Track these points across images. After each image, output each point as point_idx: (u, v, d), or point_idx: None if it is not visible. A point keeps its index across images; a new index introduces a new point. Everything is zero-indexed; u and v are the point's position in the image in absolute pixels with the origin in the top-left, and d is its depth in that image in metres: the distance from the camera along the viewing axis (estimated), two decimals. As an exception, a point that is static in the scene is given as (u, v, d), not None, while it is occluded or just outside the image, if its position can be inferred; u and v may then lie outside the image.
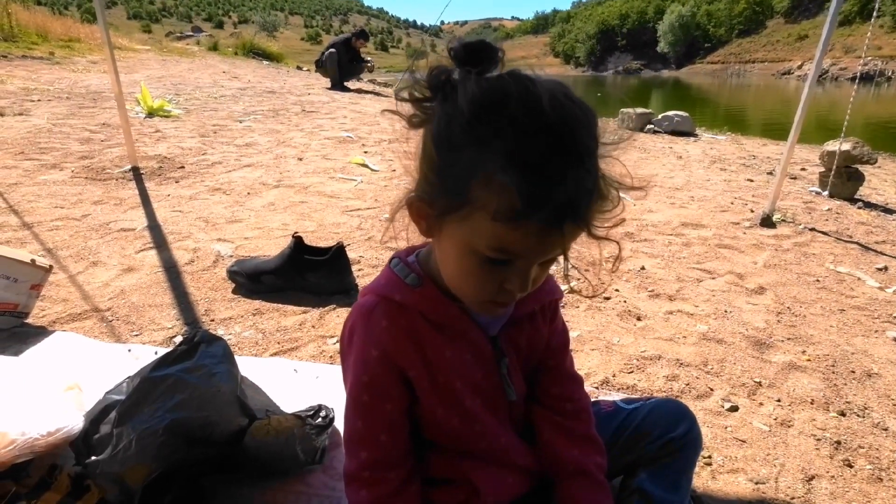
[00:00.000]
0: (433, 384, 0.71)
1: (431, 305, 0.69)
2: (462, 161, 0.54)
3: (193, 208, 2.52)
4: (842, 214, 3.10)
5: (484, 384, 0.74)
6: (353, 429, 0.72)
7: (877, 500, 1.10)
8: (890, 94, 28.11)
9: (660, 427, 0.88)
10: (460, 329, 0.71)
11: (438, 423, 0.73)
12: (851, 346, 1.69)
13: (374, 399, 0.70)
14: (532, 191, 0.50)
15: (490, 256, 0.57)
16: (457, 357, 0.71)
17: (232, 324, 1.57)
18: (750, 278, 2.14)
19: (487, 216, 0.53)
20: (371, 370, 0.69)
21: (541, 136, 0.51)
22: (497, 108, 0.52)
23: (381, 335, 0.69)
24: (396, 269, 0.73)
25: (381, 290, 0.71)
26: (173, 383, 0.93)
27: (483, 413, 0.74)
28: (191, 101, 6.16)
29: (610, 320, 1.74)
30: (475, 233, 0.56)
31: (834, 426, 1.31)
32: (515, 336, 0.76)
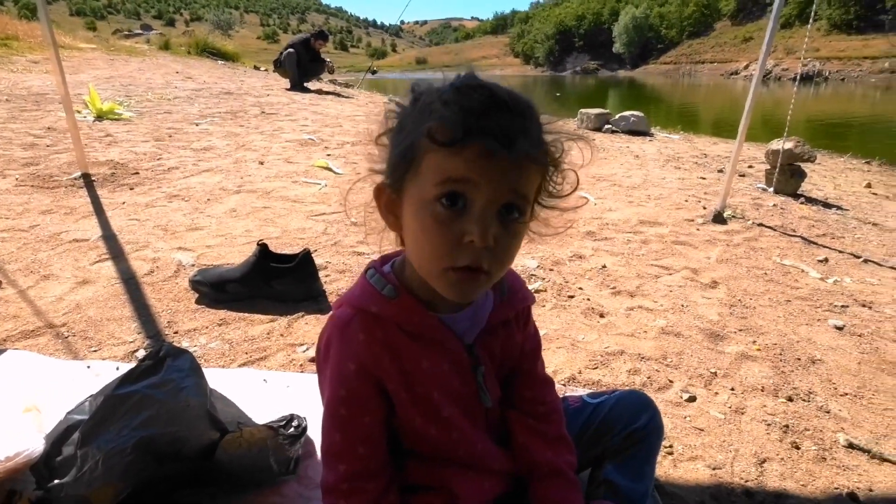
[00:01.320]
0: (411, 395, 0.72)
1: (408, 316, 0.71)
2: (408, 126, 0.63)
3: (151, 216, 2.44)
4: (786, 210, 3.29)
5: (461, 392, 0.76)
6: (330, 442, 0.72)
7: (821, 478, 1.18)
8: (827, 94, 29.82)
9: (623, 419, 0.93)
10: (437, 338, 0.73)
11: (417, 433, 0.75)
12: (797, 334, 1.81)
13: (351, 412, 0.71)
14: (468, 119, 0.58)
15: (439, 196, 0.60)
16: (434, 367, 0.73)
17: (197, 335, 1.54)
18: (704, 273, 2.25)
19: (432, 152, 0.60)
20: (349, 384, 0.70)
21: (477, 91, 0.60)
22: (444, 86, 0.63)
23: (358, 348, 0.70)
24: (372, 279, 0.74)
25: (357, 301, 0.72)
26: (139, 400, 0.91)
27: (460, 420, 0.76)
28: (143, 103, 5.94)
29: (574, 318, 1.80)
30: (424, 177, 0.61)
31: (782, 411, 1.40)
32: (491, 343, 0.79)
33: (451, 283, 0.64)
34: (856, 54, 51.77)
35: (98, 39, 15.81)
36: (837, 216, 3.28)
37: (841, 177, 4.67)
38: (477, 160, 0.58)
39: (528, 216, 0.66)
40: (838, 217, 3.26)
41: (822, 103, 21.54)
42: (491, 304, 0.78)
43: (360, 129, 5.33)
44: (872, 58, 49.10)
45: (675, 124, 8.45)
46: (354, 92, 9.71)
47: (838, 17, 58.15)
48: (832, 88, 35.61)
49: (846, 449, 1.28)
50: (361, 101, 8.15)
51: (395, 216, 0.68)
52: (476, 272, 0.62)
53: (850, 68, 49.41)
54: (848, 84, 40.36)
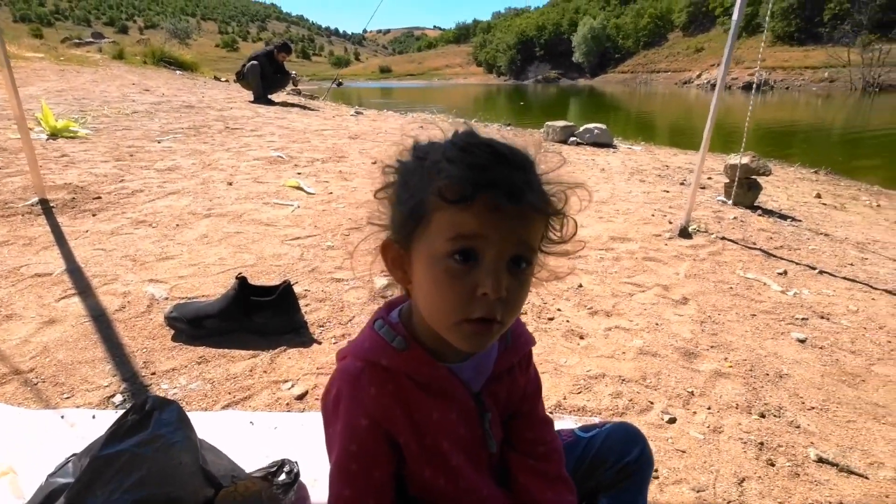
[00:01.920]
0: (421, 447, 0.73)
1: (419, 367, 0.72)
2: (413, 185, 0.65)
3: (117, 245, 2.35)
4: (746, 222, 3.45)
5: (467, 439, 0.77)
6: (340, 496, 0.72)
7: (796, 494, 1.25)
8: (774, 101, 31.43)
9: (615, 453, 0.96)
10: (446, 389, 0.74)
11: (425, 483, 0.75)
12: (764, 349, 1.90)
13: (362, 467, 0.71)
14: (476, 175, 0.60)
15: (452, 252, 0.62)
16: (443, 417, 0.74)
17: (176, 375, 1.49)
18: (674, 289, 2.33)
19: (442, 210, 0.62)
20: (360, 439, 0.70)
21: (480, 148, 0.62)
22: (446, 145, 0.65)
23: (369, 402, 0.70)
24: (381, 331, 0.74)
25: (367, 354, 0.72)
26: (129, 460, 0.88)
27: (466, 468, 0.77)
28: (99, 118, 5.72)
29: (556, 342, 1.83)
30: (435, 234, 0.63)
31: (756, 428, 1.47)
32: (497, 390, 0.80)
33: (465, 336, 0.65)
34: (798, 64, 54.81)
35: (46, 48, 15.13)
36: (792, 227, 3.46)
37: (793, 187, 4.93)
38: (486, 214, 0.61)
39: (534, 265, 0.68)
40: (793, 228, 3.44)
41: (770, 111, 22.68)
42: (495, 352, 0.79)
43: (328, 144, 5.29)
44: (813, 67, 52.09)
45: (636, 134, 8.74)
46: (320, 104, 9.63)
47: (781, 30, 61.54)
48: (778, 96, 37.55)
49: (816, 463, 1.35)
50: (328, 113, 8.09)
51: (403, 271, 0.69)
52: (490, 323, 0.64)
53: (794, 77, 52.27)
54: (792, 92, 42.65)
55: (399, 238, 0.67)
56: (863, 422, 1.53)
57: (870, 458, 1.38)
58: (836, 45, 48.44)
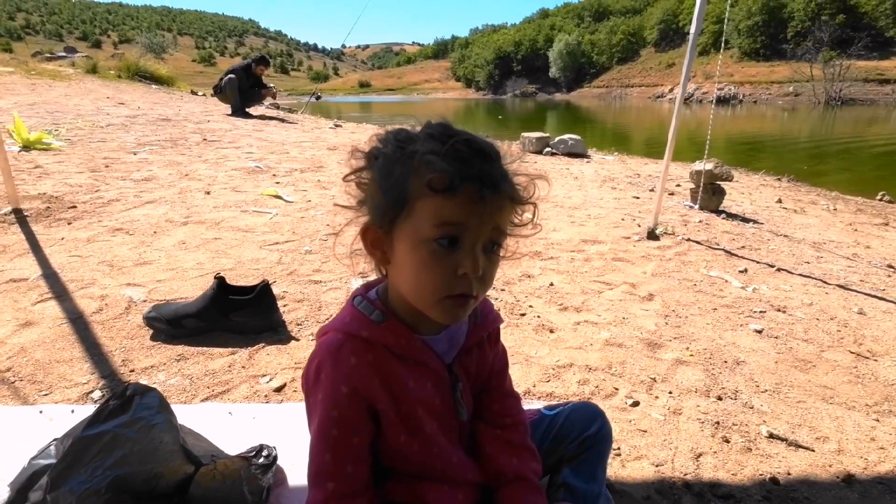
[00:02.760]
0: (398, 414, 0.79)
1: (396, 340, 0.78)
2: (397, 172, 0.69)
3: (94, 252, 2.36)
4: (710, 225, 3.60)
5: (440, 408, 0.84)
6: (321, 461, 0.77)
7: (748, 466, 1.33)
8: (742, 114, 32.51)
9: (577, 428, 1.03)
10: (422, 359, 0.80)
11: (400, 449, 0.81)
12: (723, 339, 2.00)
13: (342, 433, 0.76)
14: (461, 168, 0.66)
15: (437, 237, 0.68)
16: (419, 385, 0.80)
17: (154, 372, 1.52)
18: (641, 287, 2.44)
19: (426, 198, 0.67)
20: (341, 406, 0.76)
21: (460, 142, 0.68)
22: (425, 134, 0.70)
23: (349, 372, 0.75)
24: (360, 306, 0.80)
25: (347, 327, 0.78)
26: (111, 440, 0.92)
27: (439, 435, 0.83)
28: (73, 131, 5.67)
29: (527, 335, 1.91)
30: (420, 220, 0.68)
31: (714, 409, 1.56)
32: (467, 362, 0.87)
33: (446, 309, 0.73)
34: (764, 79, 56.90)
35: (16, 62, 14.87)
36: (754, 230, 3.62)
37: (756, 192, 5.14)
38: (468, 205, 0.68)
39: (503, 246, 0.76)
40: (755, 230, 3.60)
41: (738, 123, 23.49)
42: (466, 327, 0.86)
43: (307, 155, 5.33)
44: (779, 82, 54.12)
45: (610, 145, 8.99)
46: (298, 117, 9.67)
47: (748, 46, 63.97)
48: (746, 110, 38.88)
49: (768, 439, 1.44)
50: (306, 126, 8.14)
51: (382, 252, 0.75)
52: (468, 298, 0.72)
53: (761, 91, 54.19)
54: (759, 106, 44.21)
55: (379, 222, 0.72)
56: (812, 402, 1.63)
57: (816, 434, 1.48)
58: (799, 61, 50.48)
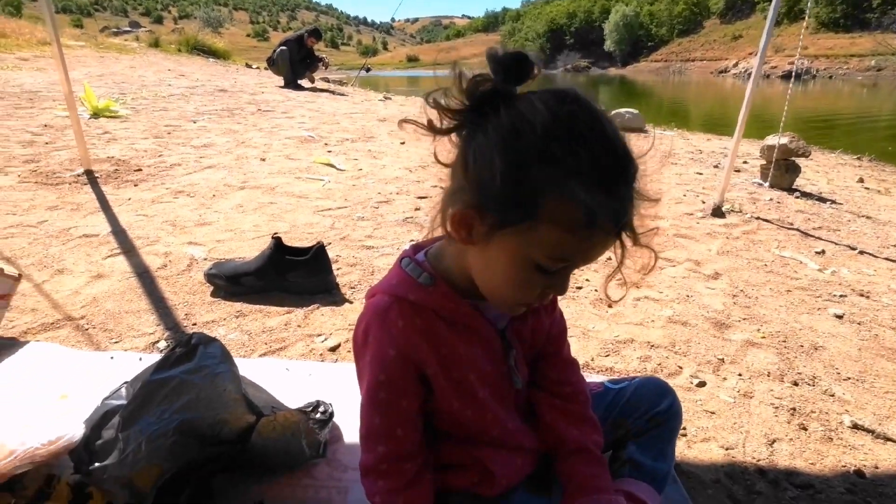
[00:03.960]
0: (449, 379, 0.75)
1: (445, 304, 0.73)
2: (532, 177, 0.57)
3: (158, 212, 2.45)
4: (782, 204, 3.35)
5: (493, 375, 0.79)
6: (370, 425, 0.75)
7: (829, 456, 1.23)
8: (816, 91, 30.17)
9: (645, 403, 0.97)
10: (472, 325, 0.76)
11: (453, 415, 0.78)
12: (799, 322, 1.86)
13: (391, 396, 0.73)
14: (603, 205, 0.57)
15: (543, 265, 0.62)
16: (469, 351, 0.76)
17: (215, 326, 1.56)
18: (706, 265, 2.30)
19: (557, 228, 0.58)
20: (389, 369, 0.72)
21: (609, 159, 0.58)
22: (570, 130, 0.57)
23: (397, 335, 0.72)
24: (408, 268, 0.76)
25: (395, 290, 0.74)
26: (178, 385, 0.94)
27: (493, 402, 0.79)
28: (138, 100, 5.91)
29: (584, 308, 1.84)
30: (536, 243, 0.60)
31: (789, 395, 1.45)
32: (521, 329, 0.82)
33: (512, 309, 0.73)
34: (843, 52, 52.46)
35: (86, 37, 15.65)
36: (832, 210, 3.35)
37: (833, 172, 4.75)
38: (598, 244, 0.61)
39: None
40: (833, 211, 3.33)
41: (810, 100, 21.81)
42: None
43: (357, 126, 5.34)
44: (859, 55, 49.78)
45: (668, 121, 8.54)
46: (349, 90, 9.71)
47: (826, 16, 58.93)
48: (820, 86, 36.04)
49: (851, 430, 1.33)
50: (356, 98, 8.15)
51: (468, 234, 0.64)
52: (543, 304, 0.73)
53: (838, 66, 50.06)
54: (835, 81, 40.87)
55: (484, 211, 0.61)
56: (902, 393, 1.49)
57: (908, 427, 1.35)
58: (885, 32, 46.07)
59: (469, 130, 0.62)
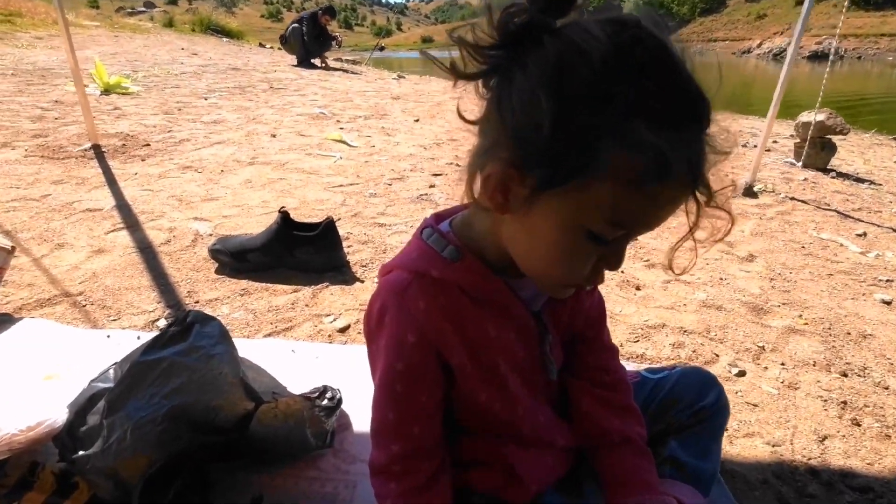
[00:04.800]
0: (477, 367, 0.64)
1: (473, 280, 0.62)
2: (588, 121, 0.45)
3: (164, 187, 2.36)
4: (818, 184, 3.17)
5: (526, 362, 0.69)
6: (383, 420, 0.65)
7: (888, 456, 1.11)
8: (844, 72, 29.09)
9: (689, 396, 0.86)
10: (504, 304, 0.64)
11: (479, 407, 0.67)
12: (843, 308, 1.72)
13: (409, 389, 0.63)
14: (677, 151, 0.45)
15: (598, 232, 0.51)
16: (500, 335, 0.65)
17: (219, 305, 1.47)
18: (740, 246, 2.16)
19: (618, 183, 0.46)
20: (407, 357, 0.62)
21: (682, 94, 0.46)
22: (634, 60, 0.45)
23: (418, 317, 0.61)
24: (430, 240, 0.64)
25: (415, 265, 0.63)
26: (168, 366, 0.85)
27: (524, 393, 0.69)
28: (149, 77, 5.83)
29: (610, 291, 1.72)
30: (592, 206, 0.49)
31: (838, 387, 1.32)
32: (559, 312, 0.71)
33: (558, 290, 0.62)
34: (873, 31, 50.47)
35: (101, 17, 15.66)
36: (872, 191, 3.15)
37: (869, 152, 4.51)
38: (665, 203, 0.49)
39: None
40: (872, 192, 3.13)
41: (839, 81, 21.01)
42: None
43: (371, 103, 5.20)
44: (890, 35, 47.83)
45: (691, 101, 8.23)
46: (362, 69, 9.53)
47: (854, -6, 56.68)
48: (848, 66, 34.75)
49: (910, 426, 1.20)
50: (370, 77, 8.00)
51: (506, 198, 0.52)
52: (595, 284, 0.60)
53: (867, 46, 48.21)
54: (864, 62, 39.41)
55: (527, 168, 0.49)
56: (963, 387, 1.36)
57: (974, 425, 1.22)
58: (919, 10, 44.17)
59: (503, 73, 0.50)
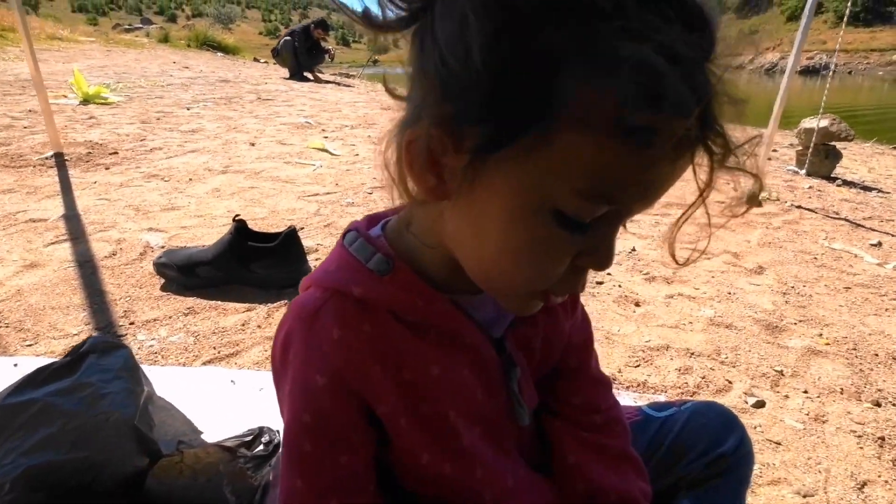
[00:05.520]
0: (415, 418, 0.46)
1: (408, 300, 0.44)
2: (540, 42, 0.30)
3: (123, 196, 2.18)
4: (824, 192, 3.01)
5: (486, 407, 0.50)
6: (291, 489, 0.46)
7: (942, 507, 0.92)
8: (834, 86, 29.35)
9: (704, 440, 0.68)
10: (453, 332, 0.47)
11: (423, 471, 0.49)
12: (867, 326, 1.54)
13: (320, 449, 0.45)
14: (669, 76, 0.28)
15: (571, 212, 0.34)
16: (449, 373, 0.47)
17: (157, 326, 1.28)
18: (747, 257, 1.98)
19: (591, 132, 0.30)
20: (316, 406, 0.44)
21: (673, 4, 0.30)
22: None
23: (330, 352, 0.43)
24: (353, 247, 0.46)
25: (331, 280, 0.45)
26: (39, 411, 0.66)
27: (485, 449, 0.50)
28: (135, 88, 5.70)
29: (606, 307, 1.53)
30: (554, 170, 0.33)
31: (872, 419, 1.14)
32: (529, 336, 0.53)
33: (523, 303, 0.44)
34: (863, 47, 51.20)
35: (98, 33, 15.68)
36: (881, 199, 3.00)
37: (872, 161, 4.38)
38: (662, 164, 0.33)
39: None
40: (882, 200, 2.98)
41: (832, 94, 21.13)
42: None
43: (359, 113, 5.06)
44: (880, 50, 48.50)
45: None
46: (355, 82, 9.44)
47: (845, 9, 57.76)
48: (839, 81, 35.09)
49: (962, 468, 1.02)
50: (362, 90, 7.89)
51: (439, 176, 0.37)
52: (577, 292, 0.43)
53: (857, 61, 48.83)
54: (855, 77, 39.86)
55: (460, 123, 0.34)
56: None
57: None
58: (907, 26, 44.88)
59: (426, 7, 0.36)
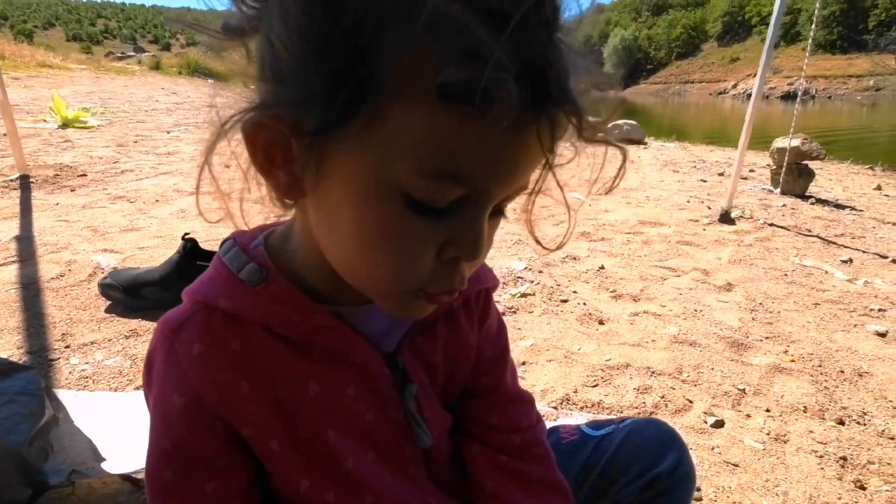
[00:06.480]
0: (290, 442, 0.42)
1: (281, 312, 0.41)
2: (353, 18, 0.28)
3: (84, 217, 2.14)
4: (797, 210, 3.03)
5: (378, 429, 0.46)
6: None
7: (904, 531, 0.88)
8: (815, 110, 30.10)
9: (641, 460, 0.63)
10: (334, 347, 0.43)
11: (304, 500, 0.44)
12: (834, 342, 1.51)
13: (181, 477, 0.40)
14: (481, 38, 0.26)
15: (420, 195, 0.32)
16: (329, 392, 0.43)
17: (93, 350, 1.22)
18: (716, 274, 1.96)
19: (418, 100, 0.29)
20: (175, 430, 0.40)
21: None
22: None
23: (190, 370, 0.40)
24: (227, 257, 0.43)
25: (200, 293, 0.42)
26: (-88, 441, 0.61)
27: (378, 474, 0.46)
28: (118, 113, 5.70)
29: (569, 325, 1.50)
30: (393, 149, 0.30)
31: (835, 438, 1.10)
32: (427, 348, 0.49)
33: (405, 305, 0.39)
34: (841, 73, 52.77)
35: (90, 61, 15.81)
36: (853, 216, 3.02)
37: (847, 180, 4.43)
38: (502, 134, 0.30)
39: None
40: (854, 217, 3.00)
41: (812, 118, 21.64)
42: None
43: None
44: (857, 76, 50.01)
45: (669, 135, 8.30)
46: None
47: (822, 38, 59.66)
48: (819, 105, 36.06)
49: (926, 488, 0.98)
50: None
51: (291, 174, 0.35)
52: (448, 294, 0.38)
53: (836, 86, 50.28)
54: (834, 101, 40.95)
55: (291, 105, 0.32)
56: (982, 435, 1.14)
57: None
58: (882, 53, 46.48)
59: None
